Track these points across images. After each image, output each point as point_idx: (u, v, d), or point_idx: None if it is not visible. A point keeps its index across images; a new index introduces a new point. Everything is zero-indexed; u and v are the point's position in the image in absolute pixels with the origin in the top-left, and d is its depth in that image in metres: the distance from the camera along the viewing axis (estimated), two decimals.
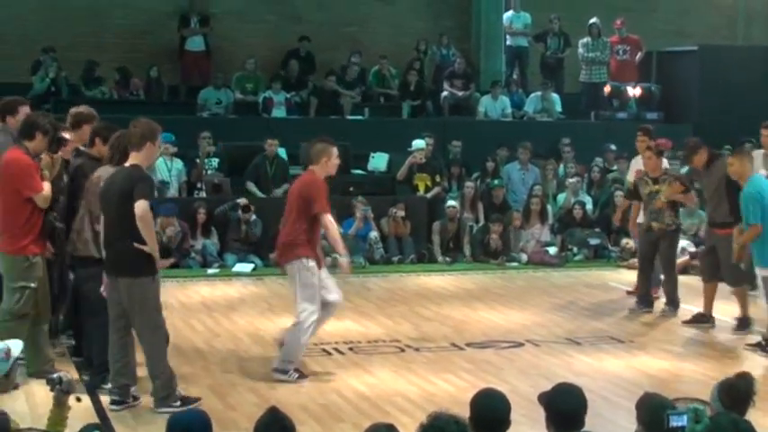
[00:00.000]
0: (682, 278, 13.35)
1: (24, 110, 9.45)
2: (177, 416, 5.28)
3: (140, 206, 7.92)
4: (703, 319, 11.88)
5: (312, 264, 9.29)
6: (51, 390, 6.05)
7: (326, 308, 9.54)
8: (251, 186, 16.21)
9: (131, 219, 7.93)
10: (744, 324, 11.56)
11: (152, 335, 8.21)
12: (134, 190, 7.95)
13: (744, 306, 11.61)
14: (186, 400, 8.22)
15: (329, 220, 9.41)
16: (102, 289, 8.35)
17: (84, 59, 18.92)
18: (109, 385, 8.40)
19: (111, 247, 8.20)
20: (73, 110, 9.86)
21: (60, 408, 6.03)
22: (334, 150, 9.63)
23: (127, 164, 8.24)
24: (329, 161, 9.56)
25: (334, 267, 10.34)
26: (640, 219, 12.80)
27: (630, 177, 13.48)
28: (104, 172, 8.57)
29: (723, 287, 11.83)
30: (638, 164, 13.31)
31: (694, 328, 11.73)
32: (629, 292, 13.35)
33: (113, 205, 8.10)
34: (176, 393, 8.25)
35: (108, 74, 19.01)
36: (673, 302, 12.44)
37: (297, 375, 9.27)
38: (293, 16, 20.82)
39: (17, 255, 8.79)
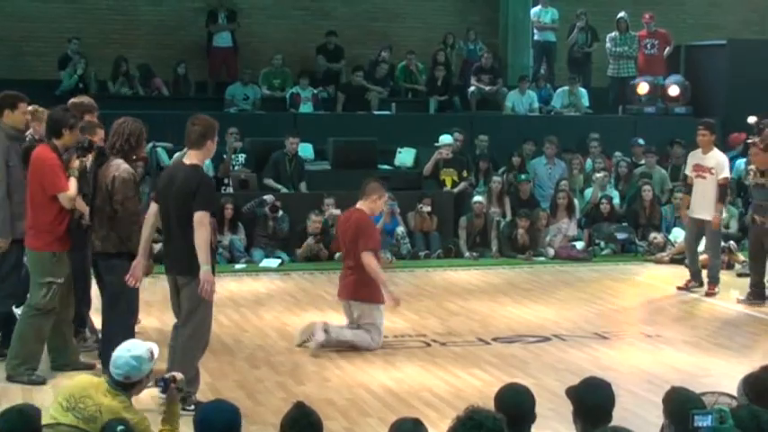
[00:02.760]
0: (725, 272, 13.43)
1: (23, 106, 9.38)
2: (206, 408, 5.30)
3: (199, 218, 7.83)
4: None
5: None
6: (164, 390, 6.05)
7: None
8: (270, 182, 16.22)
9: (190, 220, 7.85)
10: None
11: (194, 333, 8.11)
12: (196, 196, 7.86)
13: None
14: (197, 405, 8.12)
15: (370, 258, 10.17)
16: (127, 277, 8.30)
17: (113, 56, 19.02)
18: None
19: (169, 245, 8.16)
20: (75, 100, 9.82)
21: (174, 405, 6.06)
22: (386, 195, 10.80)
23: (186, 161, 8.14)
24: (378, 201, 10.41)
25: None
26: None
27: (689, 171, 13.41)
28: (114, 166, 8.47)
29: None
30: (695, 158, 13.26)
31: (725, 321, 11.75)
32: (679, 288, 13.35)
33: (172, 205, 8.01)
34: (193, 398, 8.06)
35: (136, 70, 19.10)
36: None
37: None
38: (320, 12, 20.86)
39: (44, 251, 8.83)
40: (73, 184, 8.84)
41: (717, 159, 13.05)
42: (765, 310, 11.78)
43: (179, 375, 6.12)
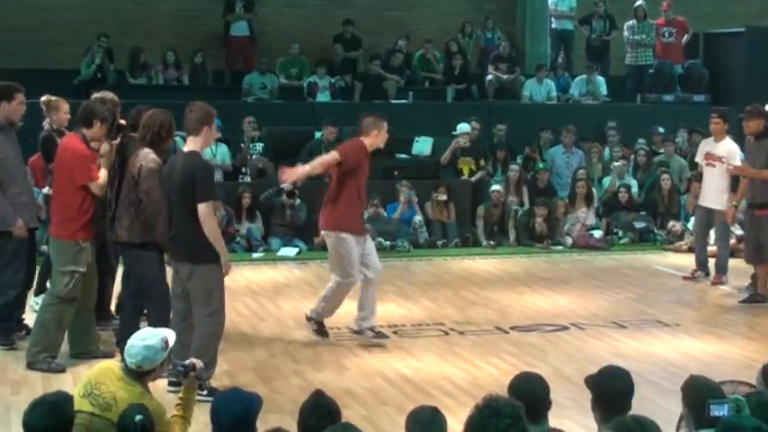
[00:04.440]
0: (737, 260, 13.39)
1: (20, 97, 9.36)
2: (222, 397, 5.31)
3: (203, 210, 7.91)
4: (759, 299, 11.97)
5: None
6: (184, 376, 6.07)
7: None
8: None
9: (192, 208, 7.93)
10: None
11: (207, 318, 8.15)
12: (195, 186, 7.92)
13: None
14: (213, 392, 8.11)
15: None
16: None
17: (131, 45, 19.06)
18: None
19: (175, 232, 8.20)
20: (97, 95, 9.82)
21: (191, 392, 6.09)
22: (385, 125, 9.97)
23: (185, 149, 8.25)
24: (378, 136, 9.90)
25: None
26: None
27: (699, 159, 13.31)
28: (142, 156, 8.55)
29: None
30: (707, 145, 13.17)
31: (743, 310, 11.72)
32: (685, 278, 13.35)
33: (175, 192, 8.08)
34: (207, 383, 7.97)
35: (154, 59, 19.14)
36: None
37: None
38: (338, 1, 20.85)
39: (68, 240, 8.88)
40: (103, 173, 8.91)
41: (728, 148, 12.81)
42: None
43: (199, 363, 6.13)
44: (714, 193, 12.85)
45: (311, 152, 16.26)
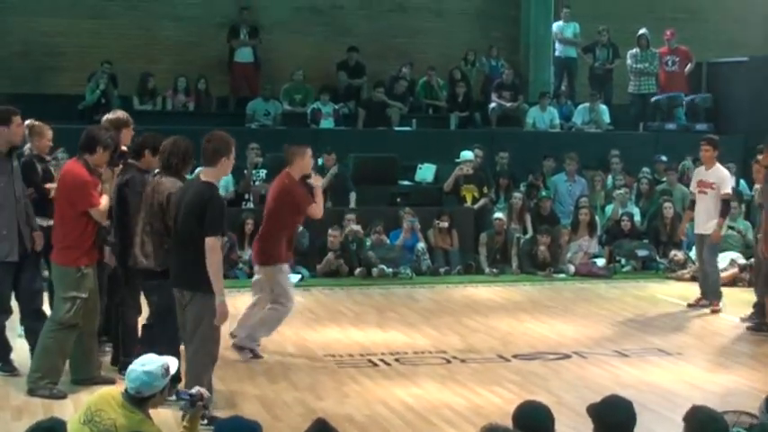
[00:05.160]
0: (729, 290, 13.35)
1: (17, 119, 9.35)
2: (223, 425, 5.30)
3: (210, 244, 7.81)
4: (765, 328, 11.96)
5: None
6: (191, 405, 6.05)
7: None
8: None
9: (194, 235, 7.87)
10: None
11: (199, 347, 8.08)
12: (205, 217, 7.83)
13: None
14: (214, 421, 8.07)
15: None
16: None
17: (136, 71, 19.13)
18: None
19: (175, 258, 8.16)
20: (109, 116, 9.84)
21: (196, 422, 6.08)
22: (308, 151, 10.75)
23: (202, 177, 8.17)
24: (303, 160, 10.63)
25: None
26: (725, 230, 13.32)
27: (694, 188, 13.43)
28: (170, 183, 8.51)
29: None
30: (699, 174, 13.32)
31: (746, 340, 11.72)
32: (689, 305, 13.39)
33: (180, 217, 8.03)
34: (206, 412, 8.06)
35: (160, 85, 19.19)
36: None
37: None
38: (342, 28, 20.89)
39: (69, 266, 8.87)
40: (105, 199, 8.93)
41: (718, 175, 13.13)
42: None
43: (205, 392, 6.12)
44: (706, 219, 13.01)
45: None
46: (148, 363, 5.98)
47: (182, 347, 8.37)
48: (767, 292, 12.00)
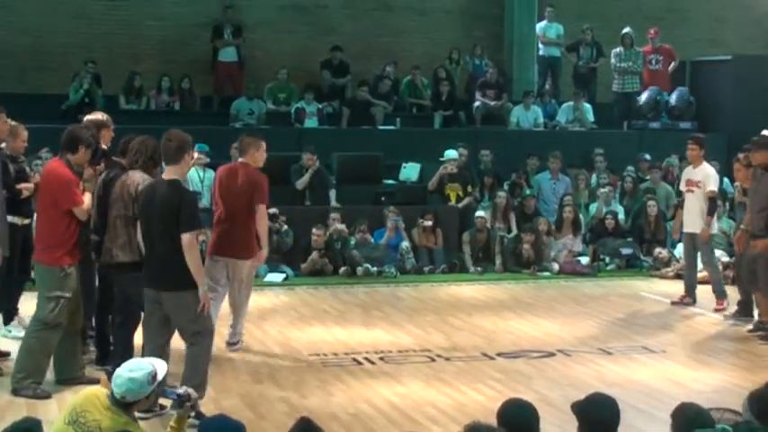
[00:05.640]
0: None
1: (2, 117, 9.42)
2: (208, 424, 5.30)
3: (186, 240, 7.87)
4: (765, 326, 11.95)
5: None
6: (179, 406, 6.05)
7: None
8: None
9: (174, 236, 7.90)
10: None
11: (196, 340, 8.14)
12: (180, 216, 7.89)
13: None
14: (201, 417, 8.09)
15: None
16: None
17: (121, 71, 19.08)
18: None
19: (153, 260, 8.16)
20: (89, 116, 9.87)
21: (183, 422, 6.07)
22: (263, 144, 10.53)
23: (165, 176, 8.21)
24: (257, 152, 10.44)
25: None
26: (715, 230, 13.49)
27: (683, 187, 13.52)
28: (138, 178, 8.63)
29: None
30: (686, 173, 13.40)
31: (729, 337, 11.75)
32: (673, 302, 13.44)
33: (156, 220, 8.04)
34: (197, 406, 8.07)
35: (144, 84, 19.15)
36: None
37: None
38: (326, 27, 20.88)
39: (53, 265, 8.85)
40: (87, 197, 8.94)
41: (704, 173, 13.20)
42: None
43: (193, 393, 6.12)
44: (695, 218, 13.06)
45: (298, 174, 16.44)
46: (136, 369, 5.96)
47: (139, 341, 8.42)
48: (755, 287, 12.00)
